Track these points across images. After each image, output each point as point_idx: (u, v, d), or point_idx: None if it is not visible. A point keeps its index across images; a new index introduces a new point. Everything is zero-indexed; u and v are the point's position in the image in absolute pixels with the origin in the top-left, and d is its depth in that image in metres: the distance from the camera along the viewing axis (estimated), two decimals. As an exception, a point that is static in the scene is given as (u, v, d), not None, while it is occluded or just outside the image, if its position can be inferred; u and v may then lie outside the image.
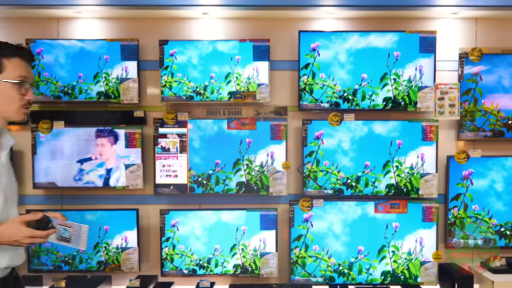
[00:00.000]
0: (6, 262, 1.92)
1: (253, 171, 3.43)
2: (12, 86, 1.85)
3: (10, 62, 1.85)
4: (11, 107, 1.87)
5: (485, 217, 3.46)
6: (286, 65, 3.50)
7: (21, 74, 1.87)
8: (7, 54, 1.85)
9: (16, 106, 1.88)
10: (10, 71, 1.85)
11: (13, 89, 1.86)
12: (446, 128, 3.53)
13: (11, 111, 1.89)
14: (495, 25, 3.51)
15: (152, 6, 3.26)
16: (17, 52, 1.88)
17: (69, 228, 1.92)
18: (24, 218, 1.84)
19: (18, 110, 1.90)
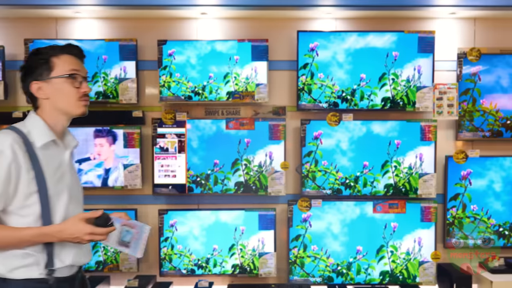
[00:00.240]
0: (70, 259, 1.93)
1: (252, 171, 3.43)
2: (65, 80, 1.91)
3: (59, 59, 1.92)
4: (69, 101, 1.93)
5: (483, 217, 3.46)
6: (285, 65, 3.50)
7: (71, 67, 1.93)
8: (56, 53, 1.92)
9: (73, 100, 1.94)
10: (61, 67, 1.91)
11: (67, 83, 1.92)
12: (444, 128, 3.54)
13: (70, 106, 1.94)
14: (493, 25, 3.51)
15: (150, 6, 3.26)
16: (65, 49, 1.94)
17: (131, 229, 1.91)
18: (84, 216, 1.87)
19: (76, 103, 1.95)
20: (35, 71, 1.92)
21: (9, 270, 1.83)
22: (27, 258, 1.85)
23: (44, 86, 1.92)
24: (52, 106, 1.94)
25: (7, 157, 1.79)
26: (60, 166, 1.95)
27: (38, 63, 1.91)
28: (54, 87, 1.92)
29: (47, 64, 1.91)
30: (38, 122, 1.93)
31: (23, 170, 1.82)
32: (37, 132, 1.91)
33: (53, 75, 1.91)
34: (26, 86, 1.95)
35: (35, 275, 1.85)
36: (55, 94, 1.92)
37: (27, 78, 1.94)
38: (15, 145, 1.81)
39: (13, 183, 1.81)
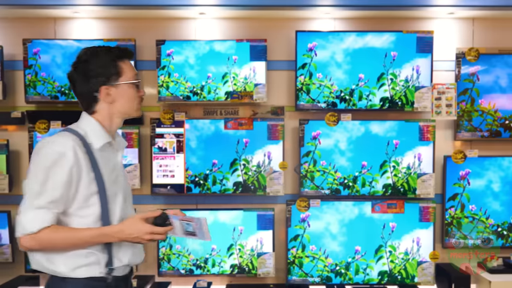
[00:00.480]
0: (127, 259, 1.95)
1: (250, 171, 3.43)
2: (130, 86, 1.94)
3: (124, 64, 1.94)
4: (132, 105, 1.96)
5: (482, 217, 3.46)
6: (283, 65, 3.50)
7: (135, 73, 1.97)
8: (120, 57, 1.93)
9: (135, 104, 1.98)
10: (127, 73, 1.94)
11: (132, 89, 1.95)
12: (443, 128, 3.54)
13: (132, 109, 1.97)
14: (492, 25, 3.51)
15: (149, 6, 3.26)
16: (125, 54, 1.96)
17: (190, 222, 1.95)
18: (143, 215, 1.89)
19: (137, 107, 1.99)
20: (103, 75, 1.90)
21: (71, 269, 1.84)
22: (90, 257, 1.87)
23: (113, 91, 1.92)
24: (112, 110, 1.95)
25: (69, 160, 1.80)
26: (115, 168, 1.98)
27: (106, 67, 1.90)
28: (121, 92, 1.93)
29: (115, 69, 1.91)
30: (94, 124, 1.93)
31: (84, 171, 1.83)
32: (94, 134, 1.91)
33: (122, 81, 1.92)
34: (90, 90, 1.91)
35: (96, 273, 1.87)
36: (120, 99, 1.93)
37: (92, 82, 1.90)
38: (76, 147, 1.82)
39: (74, 185, 1.83)
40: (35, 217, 1.78)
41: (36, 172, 1.81)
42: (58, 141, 1.83)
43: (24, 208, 1.81)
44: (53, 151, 1.80)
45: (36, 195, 1.79)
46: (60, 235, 1.82)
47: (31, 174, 1.82)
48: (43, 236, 1.79)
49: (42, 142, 1.85)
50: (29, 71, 3.41)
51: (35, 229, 1.78)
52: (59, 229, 1.83)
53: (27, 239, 1.79)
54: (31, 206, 1.80)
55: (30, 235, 1.79)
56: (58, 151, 1.80)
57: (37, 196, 1.79)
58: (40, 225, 1.78)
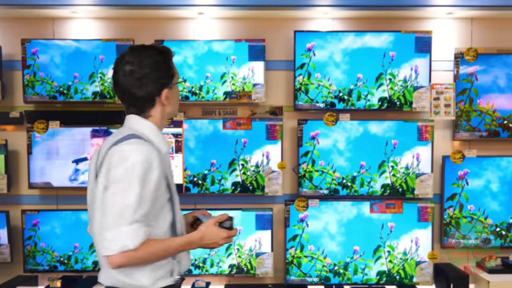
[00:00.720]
0: (187, 264, 1.95)
1: (249, 171, 3.43)
2: (175, 86, 1.92)
3: (174, 65, 1.91)
4: (177, 105, 1.96)
5: (480, 217, 3.46)
6: (282, 65, 3.50)
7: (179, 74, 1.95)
8: (170, 58, 1.90)
9: (178, 103, 1.98)
10: (176, 73, 1.92)
11: (176, 89, 1.94)
12: (441, 128, 3.53)
13: (176, 109, 1.96)
14: (490, 25, 3.51)
15: (147, 6, 3.26)
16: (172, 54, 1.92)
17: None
18: (215, 220, 1.89)
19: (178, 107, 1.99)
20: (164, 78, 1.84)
21: (153, 282, 1.80)
22: (166, 267, 1.84)
23: (170, 93, 1.86)
24: (165, 112, 1.88)
25: (156, 169, 1.73)
26: (172, 172, 1.95)
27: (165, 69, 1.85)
28: (174, 93, 1.90)
29: (171, 70, 1.87)
30: (154, 128, 1.85)
31: (162, 179, 1.79)
32: (158, 139, 1.85)
33: (174, 82, 1.89)
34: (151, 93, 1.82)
35: (169, 282, 1.85)
36: (173, 100, 1.89)
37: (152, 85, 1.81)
38: (157, 154, 1.76)
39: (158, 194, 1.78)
40: (132, 232, 1.68)
41: (124, 185, 1.68)
42: (142, 150, 1.72)
43: (113, 224, 1.68)
44: (141, 160, 1.70)
45: (127, 209, 1.68)
46: (156, 247, 1.75)
47: (116, 188, 1.69)
48: (142, 251, 1.71)
49: (119, 152, 1.73)
50: (27, 71, 3.41)
51: (136, 244, 1.68)
52: (152, 242, 1.75)
53: (123, 256, 1.69)
54: (123, 222, 1.67)
55: (127, 252, 1.68)
56: (146, 160, 1.71)
57: (129, 210, 1.68)
58: (140, 240, 1.69)
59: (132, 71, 1.81)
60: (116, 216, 1.69)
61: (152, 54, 1.83)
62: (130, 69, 1.81)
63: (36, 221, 3.39)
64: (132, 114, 1.88)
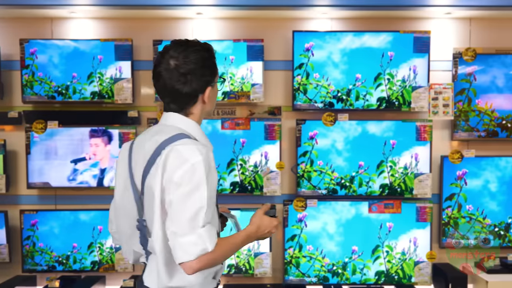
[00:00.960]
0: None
1: (247, 171, 3.43)
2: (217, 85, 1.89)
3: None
4: (214, 104, 1.93)
5: (479, 217, 3.46)
6: (280, 65, 3.50)
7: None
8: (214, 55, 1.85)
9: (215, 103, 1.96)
10: (216, 72, 1.87)
11: (217, 88, 1.90)
12: (440, 128, 3.53)
13: (213, 107, 1.93)
14: (489, 25, 3.51)
15: (146, 6, 3.26)
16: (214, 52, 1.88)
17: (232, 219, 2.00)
18: (262, 211, 1.88)
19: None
20: (210, 75, 1.80)
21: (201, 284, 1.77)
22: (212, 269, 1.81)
23: (212, 91, 1.83)
24: (203, 110, 1.84)
25: (214, 169, 1.72)
26: None
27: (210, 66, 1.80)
28: (214, 91, 1.86)
29: (215, 68, 1.84)
30: (197, 127, 1.82)
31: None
32: (202, 138, 1.82)
33: (215, 79, 1.85)
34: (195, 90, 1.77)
35: (214, 283, 1.85)
36: (212, 98, 1.85)
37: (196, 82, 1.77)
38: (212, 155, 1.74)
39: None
40: (209, 234, 1.64)
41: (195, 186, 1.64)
42: (200, 150, 1.67)
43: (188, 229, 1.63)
44: (202, 160, 1.66)
45: (202, 211, 1.64)
46: (225, 247, 1.71)
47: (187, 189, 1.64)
48: (216, 251, 1.66)
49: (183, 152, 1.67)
50: (26, 71, 3.41)
51: (214, 246, 1.64)
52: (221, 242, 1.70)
53: (201, 259, 1.64)
54: (197, 225, 1.63)
55: (205, 255, 1.63)
56: (206, 160, 1.67)
57: (201, 213, 1.63)
58: (215, 241, 1.65)
59: (177, 66, 1.74)
60: (189, 219, 1.63)
61: (198, 49, 1.77)
62: (175, 64, 1.74)
63: (35, 221, 3.39)
64: (172, 111, 1.82)
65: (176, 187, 1.65)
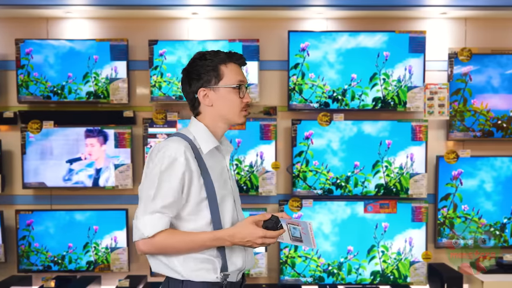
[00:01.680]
0: (240, 263, 1.93)
1: (243, 171, 3.43)
2: (232, 90, 1.90)
3: (227, 68, 1.91)
4: (233, 110, 1.92)
5: (474, 217, 3.46)
6: (276, 65, 3.50)
7: (239, 78, 1.92)
8: (224, 61, 1.91)
9: (237, 109, 1.93)
10: (229, 77, 1.90)
11: (233, 93, 1.91)
12: (435, 128, 3.53)
13: (233, 115, 1.93)
14: (484, 25, 3.52)
15: (141, 6, 3.26)
16: (232, 57, 1.93)
17: (297, 226, 1.86)
18: (254, 219, 1.85)
19: (239, 113, 1.94)
20: (202, 78, 1.89)
21: (188, 272, 1.84)
22: (206, 263, 1.86)
23: (211, 94, 1.89)
24: (214, 113, 1.92)
25: (181, 165, 1.79)
26: (223, 172, 1.96)
27: (206, 69, 1.89)
28: (220, 95, 1.90)
29: (216, 72, 1.89)
30: (202, 128, 1.91)
31: (195, 177, 1.83)
32: (202, 139, 1.90)
33: (221, 84, 1.89)
34: (191, 91, 1.93)
35: (212, 278, 1.86)
36: (220, 102, 1.91)
37: (193, 84, 1.91)
38: (187, 152, 1.81)
39: (186, 190, 1.82)
40: (150, 222, 1.79)
41: (150, 177, 1.81)
42: (171, 146, 1.82)
43: (140, 213, 1.82)
44: (166, 156, 1.80)
45: (150, 200, 1.80)
46: (176, 239, 1.82)
47: (146, 180, 1.83)
48: (159, 240, 1.79)
49: (155, 147, 1.86)
50: (21, 71, 3.41)
51: (151, 233, 1.78)
52: (175, 233, 1.83)
53: (143, 243, 1.80)
54: (145, 211, 1.80)
55: (146, 239, 1.79)
56: (171, 156, 1.79)
57: (152, 201, 1.79)
58: (155, 230, 1.78)
59: (185, 69, 1.95)
60: (140, 206, 1.83)
61: (207, 55, 1.92)
62: (186, 67, 1.96)
63: (30, 221, 3.39)
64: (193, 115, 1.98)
65: (144, 176, 1.86)
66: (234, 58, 1.93)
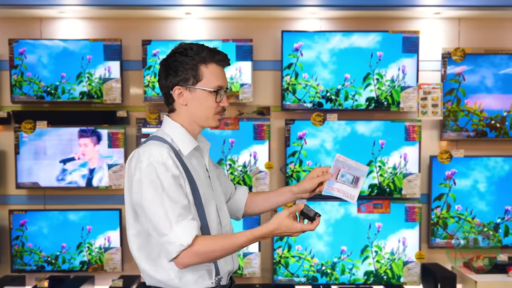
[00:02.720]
0: (229, 265, 1.89)
1: (236, 171, 3.43)
2: (210, 94, 1.82)
3: (207, 69, 1.82)
4: (206, 114, 1.84)
5: (468, 217, 3.46)
6: (269, 65, 3.50)
7: (218, 83, 1.83)
8: (205, 60, 1.82)
9: (211, 113, 1.84)
10: (208, 79, 1.82)
11: (210, 97, 1.82)
12: (429, 128, 3.53)
13: (205, 118, 1.85)
14: (478, 25, 3.52)
15: (135, 6, 3.26)
16: (214, 57, 1.83)
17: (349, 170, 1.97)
18: (289, 211, 1.78)
19: (213, 117, 1.86)
20: (180, 75, 1.80)
21: (185, 282, 1.78)
22: (201, 270, 1.80)
23: (186, 93, 1.80)
24: (188, 113, 1.84)
25: (172, 167, 1.73)
26: (204, 173, 1.90)
27: (184, 67, 1.80)
28: (196, 96, 1.82)
29: (194, 72, 1.80)
30: (179, 129, 1.83)
31: (182, 180, 1.76)
32: (181, 140, 1.82)
33: (199, 86, 1.81)
34: (166, 86, 1.84)
35: (208, 284, 1.82)
36: (194, 104, 1.82)
37: (169, 79, 1.82)
38: (171, 154, 1.74)
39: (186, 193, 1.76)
40: (183, 231, 1.69)
41: (152, 189, 1.70)
42: (155, 152, 1.73)
43: (166, 229, 1.69)
44: (154, 162, 1.71)
45: (169, 211, 1.69)
46: (218, 244, 1.73)
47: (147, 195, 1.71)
48: (199, 247, 1.70)
49: (136, 155, 1.75)
50: (15, 71, 3.41)
51: (190, 240, 1.68)
52: (213, 238, 1.75)
53: (185, 255, 1.70)
54: (171, 224, 1.69)
55: (188, 249, 1.69)
56: (159, 161, 1.71)
57: (171, 211, 1.69)
58: (192, 235, 1.69)
59: (164, 61, 1.85)
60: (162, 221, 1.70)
61: (188, 51, 1.81)
62: (165, 59, 1.85)
63: (24, 221, 3.39)
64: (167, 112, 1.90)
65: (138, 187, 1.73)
66: (217, 58, 1.83)
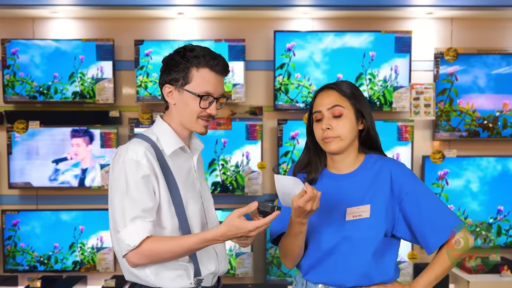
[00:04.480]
0: (213, 267, 1.85)
1: (229, 171, 3.43)
2: (195, 97, 1.79)
3: (198, 73, 1.78)
4: (189, 117, 1.81)
5: (460, 217, 3.46)
6: (262, 65, 3.51)
7: (207, 89, 1.79)
8: (198, 64, 1.78)
9: (193, 117, 1.81)
10: (196, 83, 1.79)
11: (195, 101, 1.79)
12: (421, 128, 3.54)
13: (188, 122, 1.82)
14: (470, 25, 3.52)
15: (127, 6, 3.26)
16: (208, 63, 1.79)
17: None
18: (241, 211, 1.72)
19: (196, 121, 1.81)
20: (171, 74, 1.79)
21: (161, 279, 1.76)
22: (179, 270, 1.78)
23: (175, 93, 1.79)
24: (177, 113, 1.83)
25: (145, 167, 1.71)
26: (190, 173, 1.88)
27: (178, 68, 1.78)
28: (182, 98, 1.80)
29: (185, 73, 1.78)
30: (166, 128, 1.82)
31: (160, 180, 1.75)
32: (166, 139, 1.80)
33: (186, 88, 1.79)
34: (160, 83, 1.85)
35: (186, 284, 1.79)
36: (180, 105, 1.81)
37: (163, 76, 1.82)
38: (148, 153, 1.72)
39: (157, 193, 1.74)
40: (134, 230, 1.68)
41: (119, 186, 1.72)
42: (131, 149, 1.73)
43: (120, 226, 1.69)
44: (127, 160, 1.71)
45: (127, 209, 1.69)
46: (165, 246, 1.71)
47: (114, 189, 1.73)
48: (147, 248, 1.68)
49: (116, 153, 1.77)
50: (7, 71, 3.40)
51: (137, 242, 1.67)
52: (160, 239, 1.72)
53: (133, 255, 1.69)
54: (125, 221, 1.69)
55: (135, 250, 1.67)
56: (132, 159, 1.71)
57: (129, 209, 1.69)
58: (140, 237, 1.67)
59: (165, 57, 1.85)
60: (118, 219, 1.71)
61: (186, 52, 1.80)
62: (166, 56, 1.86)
63: (16, 221, 3.39)
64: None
65: (111, 184, 1.76)
66: (211, 64, 1.79)
